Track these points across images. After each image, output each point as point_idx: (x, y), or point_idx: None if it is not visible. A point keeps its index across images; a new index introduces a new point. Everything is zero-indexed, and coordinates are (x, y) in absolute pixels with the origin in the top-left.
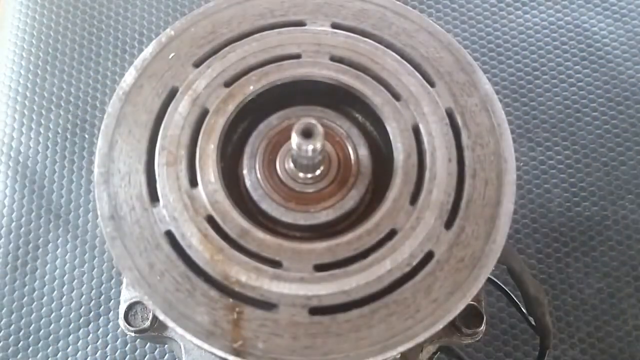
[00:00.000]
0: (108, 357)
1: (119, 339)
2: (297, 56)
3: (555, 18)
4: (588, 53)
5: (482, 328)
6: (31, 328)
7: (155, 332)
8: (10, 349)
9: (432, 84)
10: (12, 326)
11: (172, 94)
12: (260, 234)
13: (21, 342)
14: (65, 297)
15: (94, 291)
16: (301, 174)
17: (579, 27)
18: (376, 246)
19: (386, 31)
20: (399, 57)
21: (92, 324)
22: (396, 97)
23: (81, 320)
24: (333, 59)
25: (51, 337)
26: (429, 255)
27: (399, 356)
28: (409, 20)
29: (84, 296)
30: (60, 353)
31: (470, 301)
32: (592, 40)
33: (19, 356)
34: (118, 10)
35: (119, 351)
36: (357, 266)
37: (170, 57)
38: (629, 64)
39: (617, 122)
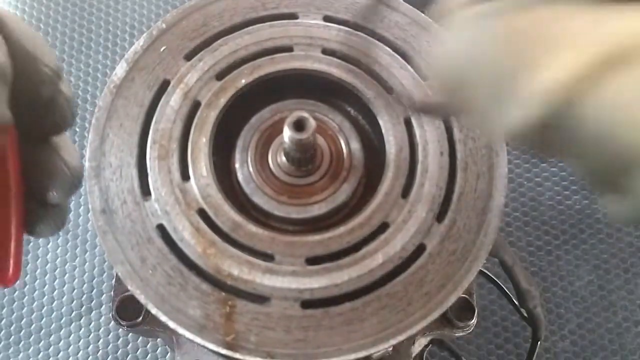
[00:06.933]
0: (100, 351)
1: (111, 333)
2: (289, 49)
3: None
4: None
5: (473, 321)
6: (22, 322)
7: (147, 326)
8: (2, 342)
9: (424, 77)
10: (4, 320)
11: (163, 87)
12: (252, 227)
13: (12, 336)
14: (56, 291)
15: (85, 285)
16: (293, 168)
17: None
18: (368, 239)
19: (378, 24)
20: (391, 51)
21: (83, 317)
22: (388, 90)
23: (73, 314)
24: (325, 52)
25: (43, 331)
26: (421, 248)
27: (391, 349)
28: (401, 13)
29: (75, 290)
30: (52, 347)
31: (461, 294)
32: None
33: (10, 350)
34: (109, 3)
35: (110, 345)
36: (349, 259)
37: (161, 50)
38: None
39: None
